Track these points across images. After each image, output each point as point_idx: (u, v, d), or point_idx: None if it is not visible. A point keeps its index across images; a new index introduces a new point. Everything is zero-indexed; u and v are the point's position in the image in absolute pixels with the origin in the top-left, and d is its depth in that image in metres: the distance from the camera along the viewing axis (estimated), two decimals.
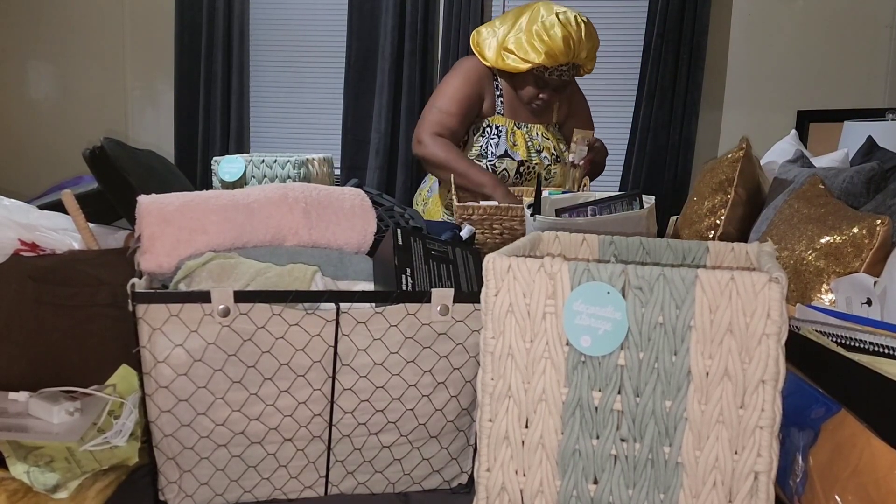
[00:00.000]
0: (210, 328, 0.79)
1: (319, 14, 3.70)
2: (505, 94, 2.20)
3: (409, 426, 0.88)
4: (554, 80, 2.09)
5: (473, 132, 2.20)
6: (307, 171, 1.77)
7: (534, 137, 2.19)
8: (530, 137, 2.19)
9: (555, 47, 2.01)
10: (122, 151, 1.30)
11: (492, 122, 2.18)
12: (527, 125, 2.20)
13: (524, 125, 2.20)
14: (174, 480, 0.85)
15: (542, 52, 2.02)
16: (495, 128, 2.17)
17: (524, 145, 2.17)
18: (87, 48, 3.81)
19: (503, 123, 2.18)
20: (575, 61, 2.07)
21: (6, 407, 0.93)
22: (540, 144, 2.19)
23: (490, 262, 0.67)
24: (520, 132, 2.18)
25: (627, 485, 0.67)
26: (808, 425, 0.76)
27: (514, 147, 2.16)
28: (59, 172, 2.44)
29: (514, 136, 2.18)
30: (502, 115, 2.19)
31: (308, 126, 3.79)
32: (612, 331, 0.65)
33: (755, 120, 3.43)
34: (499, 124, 2.18)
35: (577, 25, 2.02)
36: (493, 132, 2.17)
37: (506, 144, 2.15)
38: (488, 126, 2.18)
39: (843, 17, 3.39)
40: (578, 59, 2.06)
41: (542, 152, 2.19)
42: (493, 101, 2.20)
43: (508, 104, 2.20)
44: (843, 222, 1.22)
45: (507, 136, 2.16)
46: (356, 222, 1.01)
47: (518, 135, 2.18)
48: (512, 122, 2.19)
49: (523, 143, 2.17)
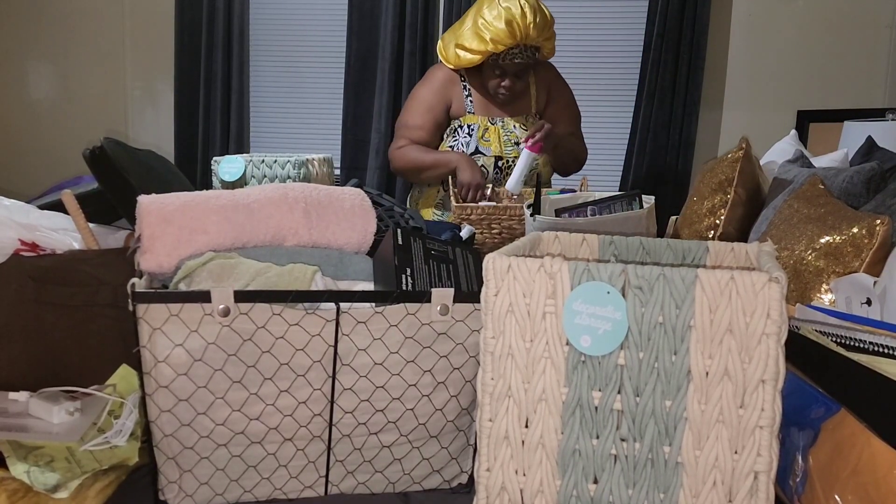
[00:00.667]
0: (210, 328, 0.79)
1: (319, 14, 3.69)
2: (474, 93, 2.23)
3: (409, 426, 0.88)
4: (510, 64, 2.11)
5: (447, 133, 2.23)
6: (307, 171, 1.77)
7: (510, 130, 2.20)
8: (506, 131, 2.20)
9: (499, 32, 2.04)
10: (122, 151, 1.30)
11: (463, 122, 2.22)
12: (501, 119, 2.22)
13: (498, 120, 2.21)
14: (174, 480, 0.85)
15: (488, 40, 2.06)
16: (467, 127, 2.21)
17: (497, 140, 2.19)
18: (87, 48, 3.80)
19: (475, 122, 2.21)
20: (527, 42, 2.08)
21: (6, 407, 0.93)
22: (518, 137, 2.19)
23: (490, 261, 0.67)
24: (494, 128, 2.20)
25: (627, 484, 0.67)
26: (808, 425, 0.76)
27: (485, 143, 2.18)
28: (59, 172, 2.44)
29: (486, 132, 2.20)
30: (473, 113, 2.22)
31: (308, 126, 3.79)
32: (612, 331, 0.65)
33: (755, 120, 3.43)
34: (470, 123, 2.21)
35: (520, 9, 2.04)
36: (464, 132, 2.20)
37: (476, 142, 2.18)
38: (459, 126, 2.22)
39: (843, 17, 3.39)
40: (529, 40, 2.07)
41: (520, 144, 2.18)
42: (462, 102, 2.22)
43: (479, 102, 2.22)
44: (842, 222, 1.22)
45: (478, 133, 2.19)
46: (356, 222, 1.01)
47: (492, 130, 2.20)
48: (485, 118, 2.21)
49: (496, 138, 2.19)
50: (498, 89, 2.16)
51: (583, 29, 3.50)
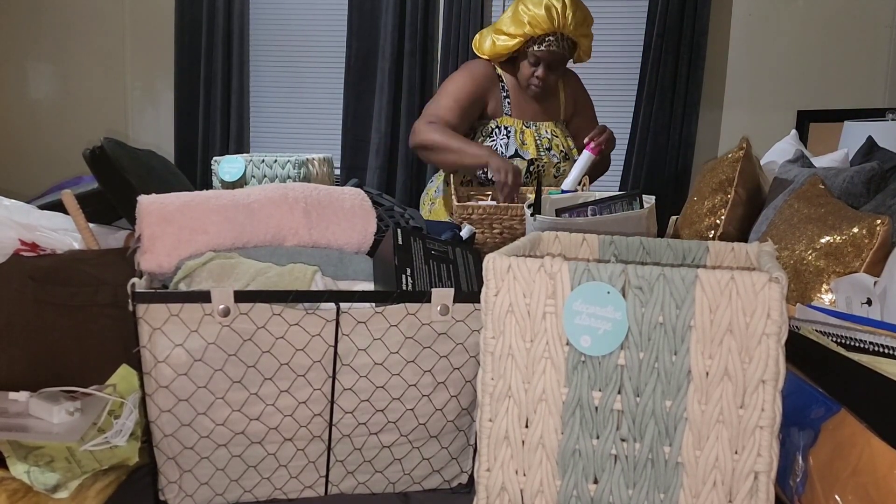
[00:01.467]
0: (210, 328, 0.79)
1: (319, 14, 3.69)
2: (511, 94, 2.21)
3: (410, 426, 0.88)
4: (545, 52, 2.10)
5: (482, 134, 2.21)
6: (307, 171, 1.77)
7: (542, 135, 2.20)
8: (539, 136, 2.20)
9: (537, 16, 2.05)
10: (122, 151, 1.30)
11: (500, 123, 2.20)
12: (535, 124, 2.21)
13: (532, 124, 2.21)
14: (174, 480, 0.85)
15: (526, 24, 2.07)
16: (504, 128, 2.19)
17: (534, 144, 2.18)
18: (87, 48, 3.80)
19: (511, 124, 2.19)
20: (563, 32, 2.08)
21: (6, 407, 0.93)
22: (549, 142, 2.20)
23: (490, 261, 0.67)
24: (529, 131, 2.20)
25: (627, 485, 0.67)
26: (808, 425, 0.76)
27: (523, 146, 2.17)
28: (59, 172, 2.44)
29: (523, 135, 2.19)
30: (510, 115, 2.21)
31: (308, 126, 3.79)
32: (612, 331, 0.65)
33: (755, 120, 3.43)
34: (507, 125, 2.19)
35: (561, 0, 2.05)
36: (501, 133, 2.19)
37: (516, 144, 2.17)
38: (497, 127, 2.20)
39: (843, 17, 3.39)
40: (566, 30, 2.07)
41: (552, 150, 2.20)
42: (500, 102, 2.21)
43: (515, 104, 2.21)
44: (843, 222, 1.22)
45: (516, 136, 2.18)
46: (356, 222, 1.01)
47: (527, 134, 2.19)
48: (520, 121, 2.20)
49: (532, 141, 2.18)
50: (531, 79, 2.15)
51: None
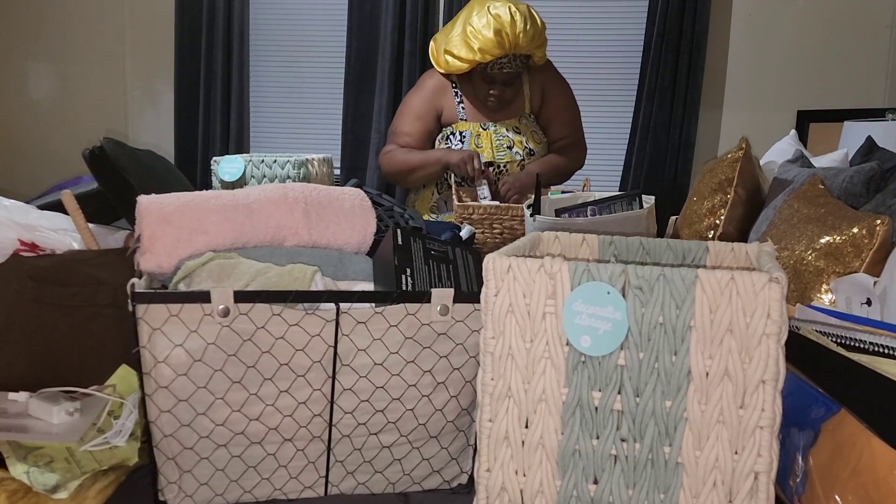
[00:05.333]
0: (210, 328, 0.79)
1: (319, 14, 3.69)
2: (466, 99, 2.21)
3: (409, 426, 0.87)
4: (499, 73, 2.08)
5: (440, 140, 2.23)
6: (307, 171, 1.77)
7: (502, 135, 2.18)
8: (498, 136, 2.18)
9: (487, 42, 2.00)
10: (122, 151, 1.30)
11: (455, 129, 2.20)
12: (494, 124, 2.20)
13: (491, 125, 2.20)
14: (174, 480, 0.85)
15: (477, 50, 2.03)
16: (459, 134, 2.19)
17: (490, 145, 2.17)
18: (87, 48, 3.80)
19: (467, 128, 2.19)
20: (515, 52, 2.04)
21: (6, 407, 0.93)
22: (510, 140, 2.18)
23: (490, 262, 0.67)
24: (486, 133, 2.18)
25: (627, 485, 0.67)
26: (808, 425, 0.76)
27: (479, 150, 2.16)
28: (59, 172, 2.44)
29: (479, 138, 2.18)
30: (465, 120, 2.20)
31: (308, 126, 3.79)
32: (612, 331, 0.65)
33: (755, 120, 3.43)
34: (463, 130, 2.19)
35: (510, 17, 1.98)
36: (456, 138, 2.19)
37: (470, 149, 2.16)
38: (452, 133, 2.20)
39: (843, 17, 3.39)
40: (518, 49, 2.03)
41: (514, 147, 2.17)
42: (454, 109, 2.21)
43: (470, 108, 2.21)
44: (842, 222, 1.22)
45: (471, 140, 2.18)
46: (356, 222, 1.01)
47: (484, 136, 2.18)
48: (477, 124, 2.19)
49: (489, 143, 2.17)
50: (487, 97, 2.14)
51: (583, 29, 3.50)
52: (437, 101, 2.22)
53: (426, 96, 2.23)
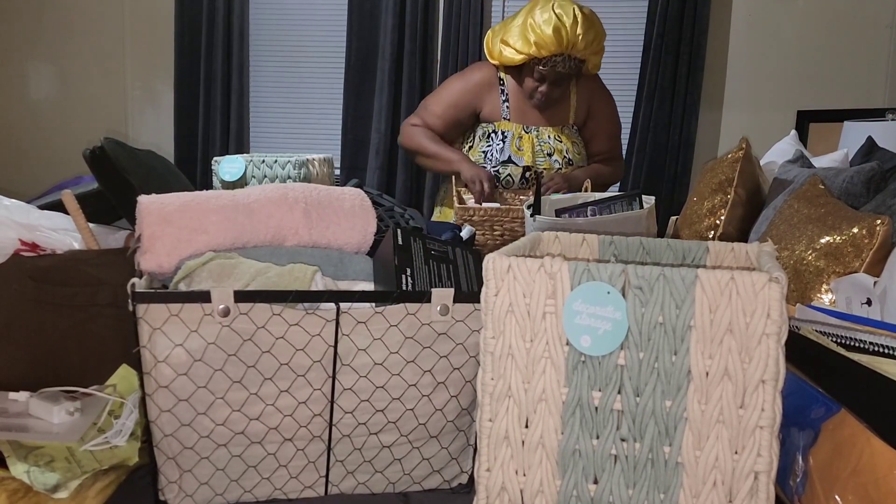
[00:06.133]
0: (210, 328, 0.79)
1: (319, 14, 3.70)
2: (512, 99, 2.16)
3: (409, 426, 0.88)
4: (550, 72, 2.06)
5: (480, 138, 2.18)
6: (307, 171, 1.77)
7: (544, 141, 2.14)
8: (540, 141, 2.14)
9: (545, 37, 1.99)
10: (122, 151, 1.30)
11: (497, 128, 2.15)
12: (537, 128, 2.15)
13: (534, 129, 2.15)
14: (174, 480, 0.85)
15: (532, 43, 2.02)
16: (501, 133, 2.14)
17: (530, 150, 2.13)
18: (87, 48, 3.80)
19: (509, 129, 2.15)
20: (571, 53, 2.03)
21: (6, 407, 0.93)
22: (551, 147, 2.14)
23: (490, 261, 0.67)
24: (528, 136, 2.14)
25: (627, 485, 0.67)
26: (808, 425, 0.76)
27: (518, 152, 2.12)
28: (59, 172, 2.44)
29: (520, 140, 2.14)
30: (508, 119, 2.16)
31: (308, 126, 3.79)
32: (612, 331, 0.65)
33: (755, 120, 3.43)
34: (505, 129, 2.15)
35: (572, 17, 1.98)
36: (497, 138, 2.14)
37: (510, 150, 2.12)
38: (494, 132, 2.16)
39: (843, 17, 3.39)
40: (575, 50, 2.03)
41: (553, 155, 2.14)
42: (498, 107, 2.16)
43: (516, 108, 2.16)
44: (843, 222, 1.22)
45: (512, 142, 2.13)
46: (356, 222, 1.01)
47: (525, 139, 2.14)
48: (520, 126, 2.15)
49: (529, 147, 2.13)
50: (534, 92, 2.11)
51: None
52: (479, 95, 2.18)
53: (469, 87, 2.19)
